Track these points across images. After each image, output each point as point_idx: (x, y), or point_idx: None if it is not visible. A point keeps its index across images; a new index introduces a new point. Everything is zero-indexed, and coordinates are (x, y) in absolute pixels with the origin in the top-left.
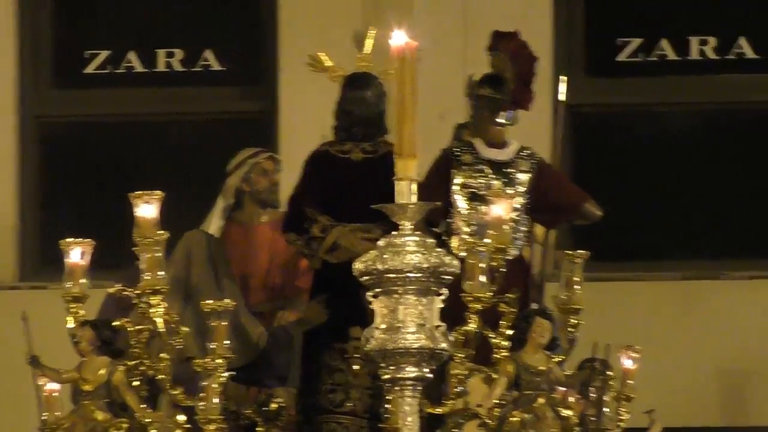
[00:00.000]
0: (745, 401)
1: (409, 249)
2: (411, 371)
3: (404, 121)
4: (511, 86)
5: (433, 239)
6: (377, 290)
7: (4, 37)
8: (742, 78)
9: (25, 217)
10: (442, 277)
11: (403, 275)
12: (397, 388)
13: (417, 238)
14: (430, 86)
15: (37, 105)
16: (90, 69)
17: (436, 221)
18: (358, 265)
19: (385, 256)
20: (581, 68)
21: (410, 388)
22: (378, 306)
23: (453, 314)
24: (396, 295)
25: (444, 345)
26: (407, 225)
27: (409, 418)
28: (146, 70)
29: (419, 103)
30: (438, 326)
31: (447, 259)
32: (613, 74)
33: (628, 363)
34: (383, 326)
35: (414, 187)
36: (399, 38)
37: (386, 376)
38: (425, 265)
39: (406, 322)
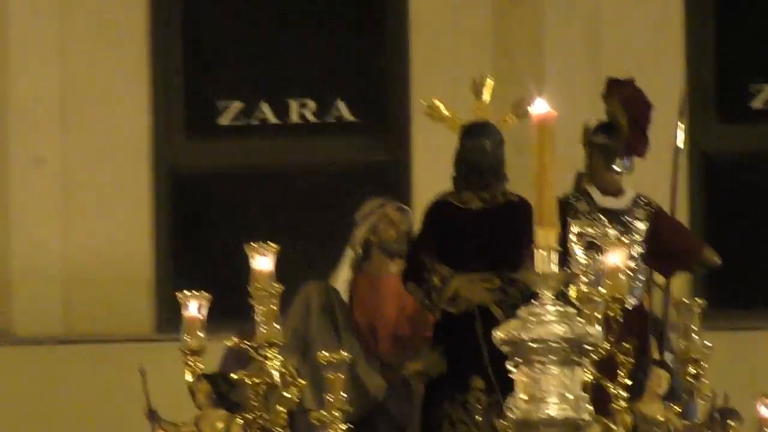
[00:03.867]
0: None
1: (552, 319)
2: None
3: (543, 189)
4: (627, 133)
5: (571, 307)
6: (519, 360)
7: (137, 86)
8: None
9: (160, 269)
10: (585, 346)
11: (547, 345)
12: None
13: (559, 308)
14: (563, 140)
15: (170, 155)
16: (223, 120)
17: None
18: (499, 334)
19: (528, 325)
20: (714, 115)
21: None
22: (520, 376)
23: None
24: (539, 365)
25: (587, 416)
26: (548, 294)
27: None
28: (279, 122)
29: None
30: (581, 396)
31: (589, 328)
32: (746, 120)
33: (764, 411)
34: (526, 396)
35: (554, 256)
36: (539, 106)
37: None
38: (569, 336)
39: (550, 393)
